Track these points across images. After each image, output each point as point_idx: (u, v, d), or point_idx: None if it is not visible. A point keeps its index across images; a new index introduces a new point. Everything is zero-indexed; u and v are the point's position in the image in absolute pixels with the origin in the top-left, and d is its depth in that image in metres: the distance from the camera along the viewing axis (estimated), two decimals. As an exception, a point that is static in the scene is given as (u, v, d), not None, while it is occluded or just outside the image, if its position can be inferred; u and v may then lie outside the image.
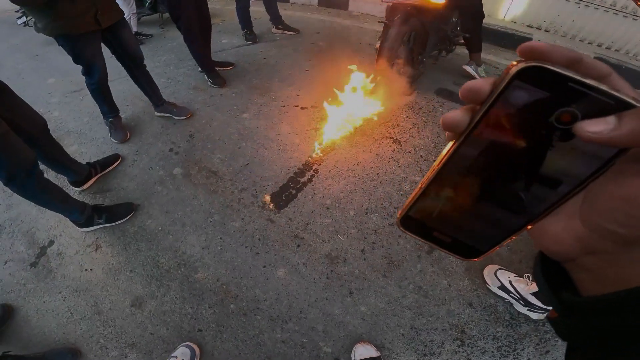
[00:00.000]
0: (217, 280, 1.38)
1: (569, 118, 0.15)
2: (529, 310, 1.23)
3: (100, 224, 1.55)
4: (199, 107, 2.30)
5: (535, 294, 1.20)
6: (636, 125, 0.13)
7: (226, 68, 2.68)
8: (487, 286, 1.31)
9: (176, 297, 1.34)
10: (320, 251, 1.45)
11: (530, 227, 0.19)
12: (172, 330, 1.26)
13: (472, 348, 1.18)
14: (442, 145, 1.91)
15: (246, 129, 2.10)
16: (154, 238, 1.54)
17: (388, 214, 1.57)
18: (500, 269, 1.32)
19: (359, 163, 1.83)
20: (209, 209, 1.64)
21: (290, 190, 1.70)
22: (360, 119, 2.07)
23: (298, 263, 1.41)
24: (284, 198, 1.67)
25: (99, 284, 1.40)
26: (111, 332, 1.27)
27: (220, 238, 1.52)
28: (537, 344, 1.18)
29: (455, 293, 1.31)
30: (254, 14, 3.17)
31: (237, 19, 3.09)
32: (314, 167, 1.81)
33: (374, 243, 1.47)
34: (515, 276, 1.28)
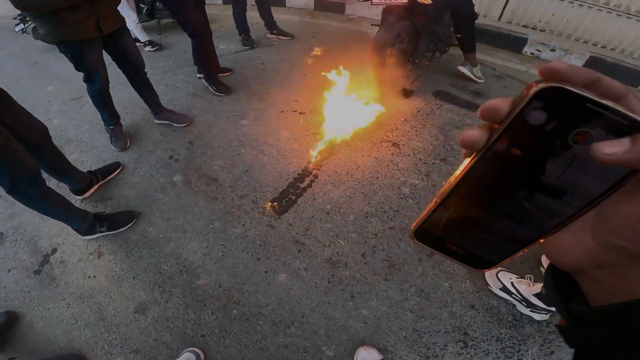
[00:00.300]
0: (219, 286, 1.39)
1: (585, 138, 0.15)
2: (531, 311, 1.22)
3: (102, 231, 1.56)
4: (198, 114, 2.32)
5: (537, 295, 1.20)
6: None
7: (224, 74, 2.69)
8: (489, 288, 1.31)
9: (179, 303, 1.35)
10: (321, 256, 1.46)
11: (542, 240, 0.19)
12: (175, 336, 1.26)
13: (475, 350, 1.18)
14: (441, 148, 1.92)
15: (245, 135, 2.11)
16: (156, 245, 1.55)
17: (388, 218, 1.58)
18: (502, 270, 1.32)
19: (358, 167, 1.84)
20: (209, 216, 1.65)
21: (290, 196, 1.71)
22: (358, 123, 2.08)
23: (299, 268, 1.42)
24: (284, 204, 1.68)
25: (102, 291, 1.41)
26: (115, 338, 1.27)
27: (222, 244, 1.53)
28: (542, 345, 1.18)
29: (457, 295, 1.31)
30: (251, 19, 3.19)
31: (234, 24, 3.12)
32: (313, 173, 1.82)
33: (374, 247, 1.48)
34: (517, 277, 1.28)
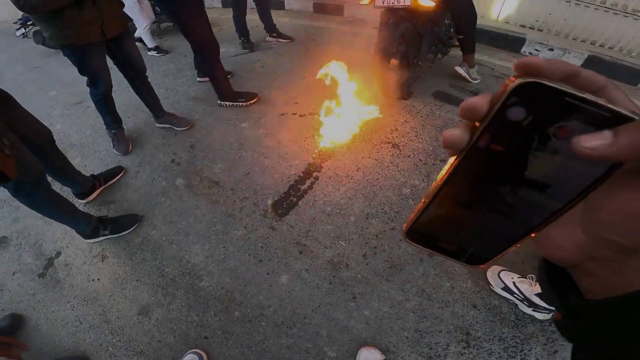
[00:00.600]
0: (222, 288, 1.40)
1: (567, 132, 0.15)
2: (534, 310, 1.22)
3: (105, 235, 1.57)
4: (199, 117, 2.33)
5: (539, 295, 1.20)
6: (631, 140, 0.13)
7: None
8: (491, 287, 1.31)
9: (182, 305, 1.36)
10: (322, 257, 1.46)
11: (533, 235, 0.20)
12: (179, 337, 1.27)
13: (478, 350, 1.18)
14: (441, 149, 1.93)
15: (246, 138, 2.13)
16: (159, 248, 1.56)
17: (389, 219, 1.59)
18: (504, 270, 1.32)
19: (359, 169, 1.85)
20: (211, 219, 1.66)
21: (291, 198, 1.72)
22: (358, 124, 2.09)
23: (301, 269, 1.43)
24: (285, 206, 1.69)
25: (106, 294, 1.42)
26: (119, 341, 1.28)
27: (224, 247, 1.54)
28: (545, 344, 1.17)
29: (459, 295, 1.31)
30: (250, 22, 3.21)
31: (233, 27, 3.14)
32: (314, 175, 1.83)
33: (375, 247, 1.48)
34: (518, 277, 1.28)
